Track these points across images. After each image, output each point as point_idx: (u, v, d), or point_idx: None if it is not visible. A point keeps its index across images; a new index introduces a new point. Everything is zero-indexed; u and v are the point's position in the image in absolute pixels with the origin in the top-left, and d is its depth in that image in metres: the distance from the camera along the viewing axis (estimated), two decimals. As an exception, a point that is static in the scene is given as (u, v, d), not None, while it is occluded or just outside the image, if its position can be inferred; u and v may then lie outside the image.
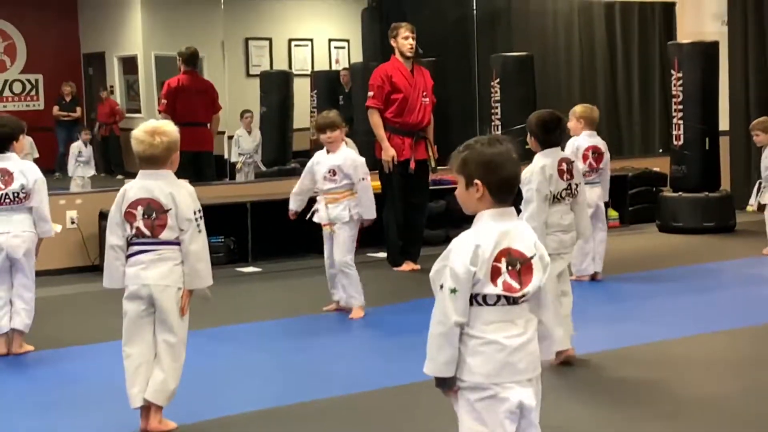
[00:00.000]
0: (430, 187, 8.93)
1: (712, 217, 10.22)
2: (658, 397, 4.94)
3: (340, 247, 6.73)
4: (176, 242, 4.38)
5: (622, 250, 9.33)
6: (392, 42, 8.38)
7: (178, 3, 10.74)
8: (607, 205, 8.25)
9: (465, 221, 3.12)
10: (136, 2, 10.91)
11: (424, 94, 8.38)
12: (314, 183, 6.73)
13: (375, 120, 8.29)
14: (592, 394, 4.99)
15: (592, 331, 6.24)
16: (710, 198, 10.27)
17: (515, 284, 2.97)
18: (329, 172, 6.64)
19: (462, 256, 2.96)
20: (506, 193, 3.00)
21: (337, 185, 6.65)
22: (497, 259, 2.96)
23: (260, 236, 8.70)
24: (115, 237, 4.42)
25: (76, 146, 10.62)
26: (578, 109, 7.82)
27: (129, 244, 4.41)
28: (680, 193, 10.33)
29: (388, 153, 8.21)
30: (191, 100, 9.63)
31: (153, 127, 4.38)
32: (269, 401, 4.97)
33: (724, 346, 5.99)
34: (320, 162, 6.70)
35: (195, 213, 4.37)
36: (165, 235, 4.36)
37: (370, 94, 8.32)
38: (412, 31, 8.34)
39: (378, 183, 8.78)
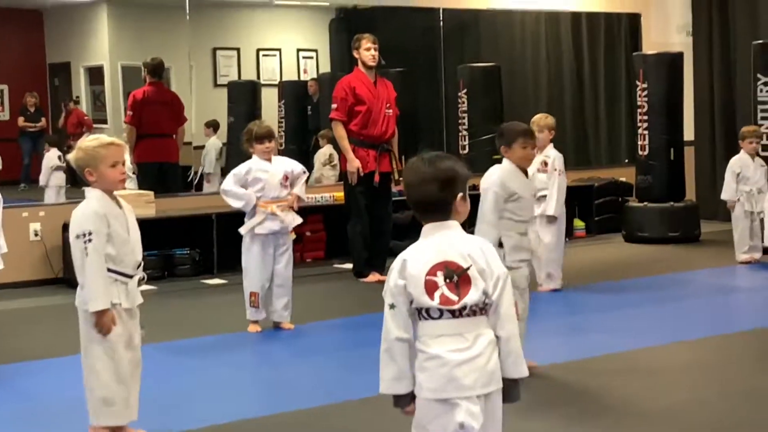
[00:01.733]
0: (397, 198, 8.93)
1: (678, 227, 10.28)
2: (624, 407, 4.94)
3: (291, 257, 6.73)
4: None
5: (587, 261, 9.37)
6: (355, 53, 8.39)
7: (145, 13, 10.68)
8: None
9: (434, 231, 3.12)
10: (103, 12, 10.84)
11: (388, 105, 8.39)
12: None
13: (339, 132, 8.30)
14: (556, 406, 4.98)
15: (557, 341, 6.27)
16: (675, 208, 10.33)
17: (453, 296, 2.96)
18: (284, 178, 6.63)
19: (393, 272, 3.01)
20: (420, 212, 3.04)
21: (287, 192, 6.66)
22: (432, 273, 2.96)
23: (226, 248, 8.66)
24: None
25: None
26: (548, 120, 7.75)
27: None
28: (646, 203, 10.39)
29: (353, 164, 8.21)
30: (157, 112, 9.61)
31: (98, 140, 4.32)
32: (234, 415, 4.92)
33: (690, 355, 6.01)
34: (264, 170, 6.58)
35: (79, 236, 4.19)
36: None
37: (334, 106, 8.32)
38: (375, 42, 8.35)
39: (341, 194, 8.82)
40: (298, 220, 6.74)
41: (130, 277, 4.30)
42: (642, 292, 7.88)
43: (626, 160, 11.98)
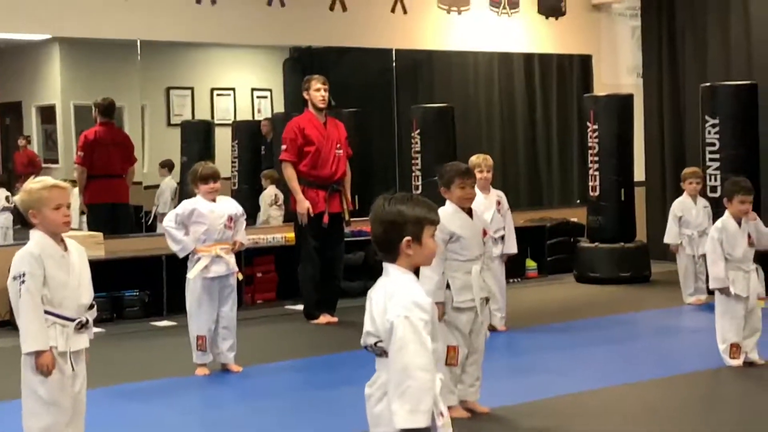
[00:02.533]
0: (349, 239, 8.94)
1: (628, 267, 10.36)
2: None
3: (236, 299, 6.71)
4: None
5: (539, 301, 9.41)
6: (305, 94, 8.41)
7: (98, 52, 10.64)
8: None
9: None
10: (55, 51, 10.79)
11: (338, 146, 8.41)
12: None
13: (289, 173, 8.30)
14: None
15: (507, 383, 6.27)
16: (626, 248, 10.42)
17: None
18: (229, 219, 6.62)
19: None
20: (376, 250, 3.15)
21: (232, 233, 6.64)
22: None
23: (175, 289, 8.59)
24: None
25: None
26: (490, 160, 7.80)
27: None
28: (597, 243, 10.47)
29: (303, 206, 8.20)
30: (108, 152, 9.60)
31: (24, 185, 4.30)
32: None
33: (637, 397, 6.03)
34: (207, 210, 6.56)
35: (15, 278, 4.16)
36: None
37: (283, 147, 8.34)
38: (324, 83, 8.38)
39: (293, 235, 8.80)
40: (235, 268, 6.69)
41: (72, 320, 4.24)
42: (592, 333, 7.92)
43: (578, 201, 12.07)
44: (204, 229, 6.54)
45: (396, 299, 3.01)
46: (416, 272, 3.13)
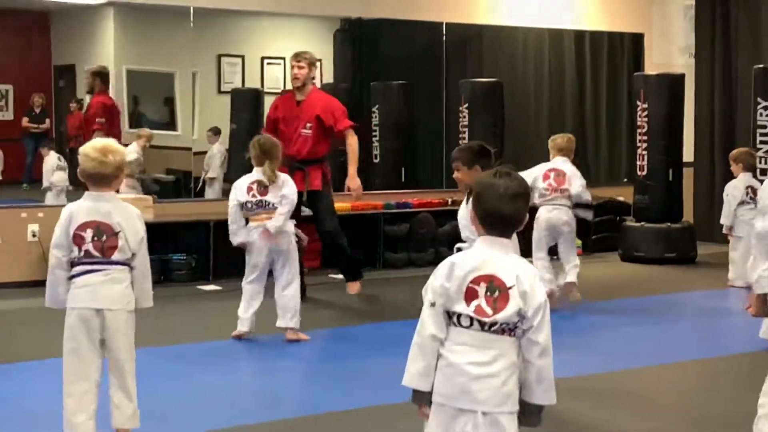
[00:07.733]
0: (394, 211, 8.93)
1: (674, 248, 10.29)
2: (605, 430, 4.97)
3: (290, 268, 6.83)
4: (125, 263, 4.33)
5: (582, 279, 9.33)
6: None
7: (151, 18, 10.73)
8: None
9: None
10: (109, 16, 10.89)
11: (308, 125, 7.85)
12: None
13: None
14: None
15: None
16: (672, 229, 10.35)
17: (488, 310, 3.00)
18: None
19: (439, 272, 3.06)
20: (489, 225, 3.07)
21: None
22: (475, 282, 3.01)
23: (222, 254, 8.69)
24: (60, 259, 4.32)
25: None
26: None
27: (75, 264, 4.31)
28: (643, 223, 10.41)
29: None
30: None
31: (104, 145, 4.30)
32: (217, 422, 4.96)
33: (674, 379, 6.05)
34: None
35: (144, 234, 4.36)
36: (116, 256, 4.29)
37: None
38: (298, 60, 7.80)
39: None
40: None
41: None
42: (633, 313, 7.91)
43: (625, 180, 12.01)
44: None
45: (536, 280, 3.06)
46: None
